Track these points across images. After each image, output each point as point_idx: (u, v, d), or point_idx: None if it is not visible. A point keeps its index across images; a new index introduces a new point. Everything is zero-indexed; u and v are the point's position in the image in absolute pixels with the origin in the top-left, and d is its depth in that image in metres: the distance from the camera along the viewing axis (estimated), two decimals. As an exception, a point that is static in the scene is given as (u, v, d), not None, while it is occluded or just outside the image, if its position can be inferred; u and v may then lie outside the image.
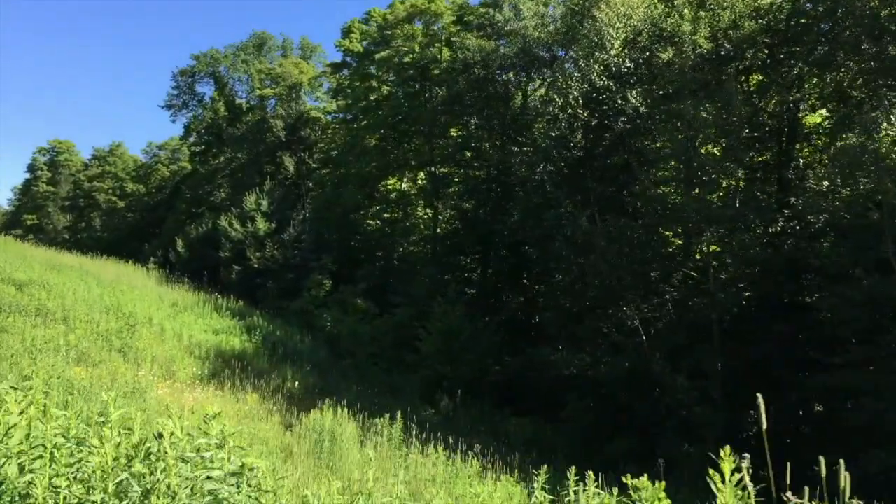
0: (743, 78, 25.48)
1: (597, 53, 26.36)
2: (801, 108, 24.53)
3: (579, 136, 26.03)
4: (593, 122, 26.42)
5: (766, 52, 24.86)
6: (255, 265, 40.52)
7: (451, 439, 16.55)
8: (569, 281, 25.80)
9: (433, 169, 44.78)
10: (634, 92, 25.90)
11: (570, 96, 26.12)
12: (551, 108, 26.33)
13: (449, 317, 27.97)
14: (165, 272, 42.52)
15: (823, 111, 26.40)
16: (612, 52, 26.42)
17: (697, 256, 23.51)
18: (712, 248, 23.19)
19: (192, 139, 71.52)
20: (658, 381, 22.10)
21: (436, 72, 44.24)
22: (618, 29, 26.27)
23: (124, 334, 21.16)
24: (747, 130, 22.48)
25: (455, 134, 42.89)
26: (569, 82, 26.29)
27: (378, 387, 27.60)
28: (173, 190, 76.00)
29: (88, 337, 19.68)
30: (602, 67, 26.31)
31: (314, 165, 52.80)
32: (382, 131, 46.14)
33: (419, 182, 47.98)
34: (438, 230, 41.40)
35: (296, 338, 31.47)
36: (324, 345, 32.16)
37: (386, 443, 15.57)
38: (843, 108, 23.97)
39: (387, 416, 16.29)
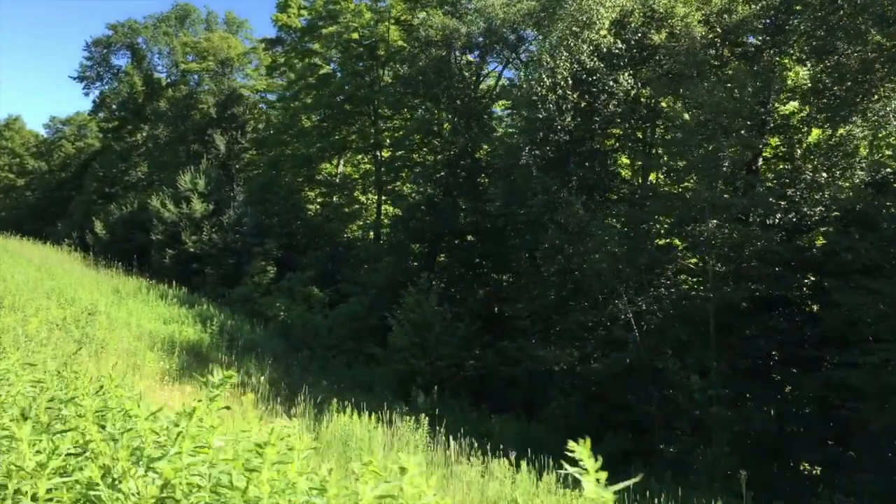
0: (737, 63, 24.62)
1: (585, 32, 25.08)
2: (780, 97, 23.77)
3: (568, 119, 24.70)
4: (582, 104, 25.16)
5: (760, 39, 24.05)
6: (192, 249, 37.80)
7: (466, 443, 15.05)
8: (554, 271, 24.43)
9: (378, 154, 42.85)
10: (627, 74, 24.78)
11: (559, 76, 24.77)
12: (538, 89, 24.85)
13: (422, 307, 26.24)
14: (87, 255, 39.25)
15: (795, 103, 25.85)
16: (602, 32, 25.20)
17: (698, 247, 22.41)
18: (712, 238, 22.20)
19: (102, 115, 67.38)
20: (665, 379, 21.02)
21: (382, 52, 42.34)
22: (607, 7, 25.05)
23: (81, 323, 18.68)
24: (763, 111, 21.53)
25: (409, 116, 41.12)
26: (557, 61, 24.90)
27: (344, 381, 25.74)
28: (81, 168, 71.50)
29: (45, 326, 17.17)
30: (591, 48, 25.07)
31: (246, 145, 49.99)
32: (322, 112, 43.91)
33: (363, 166, 45.96)
34: (392, 216, 39.65)
35: (245, 328, 29.17)
36: (276, 335, 29.98)
37: (416, 449, 13.88)
38: (819, 99, 23.25)
39: (411, 418, 14.61)
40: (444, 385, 25.17)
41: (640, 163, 25.48)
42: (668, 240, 23.90)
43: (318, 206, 43.81)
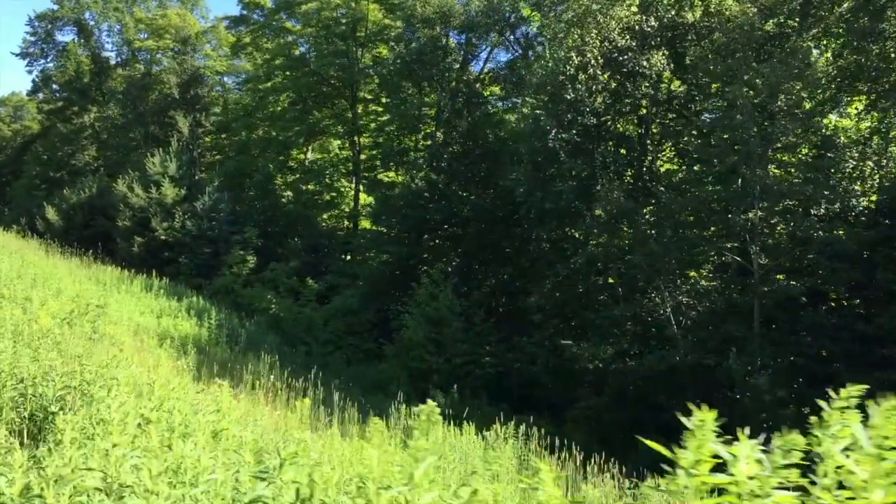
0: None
1: (615, 8, 23.60)
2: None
3: (599, 101, 23.19)
4: (613, 86, 23.68)
5: (798, 20, 22.88)
6: (163, 237, 35.15)
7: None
8: (583, 262, 22.91)
9: (357, 139, 40.78)
10: (660, 54, 23.36)
11: (589, 55, 23.24)
12: (566, 68, 23.26)
13: (438, 301, 24.45)
14: (45, 242, 36.25)
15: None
16: (633, 9, 23.77)
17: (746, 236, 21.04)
18: (759, 227, 20.93)
19: (42, 95, 63.63)
20: (714, 377, 19.69)
21: (361, 33, 40.33)
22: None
23: (91, 317, 16.44)
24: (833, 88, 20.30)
25: (391, 101, 39.16)
26: (586, 38, 23.36)
27: (352, 380, 23.84)
28: (19, 151, 67.54)
29: (54, 321, 14.95)
30: (621, 25, 23.61)
31: (210, 128, 47.26)
32: (300, 94, 41.65)
33: (341, 152, 43.76)
34: (373, 205, 37.68)
35: (234, 321, 26.97)
36: (269, 330, 27.82)
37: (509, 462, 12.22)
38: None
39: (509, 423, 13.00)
40: (461, 384, 23.48)
41: (672, 149, 24.05)
42: (710, 230, 22.53)
43: (291, 194, 41.45)
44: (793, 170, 21.33)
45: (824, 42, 23.11)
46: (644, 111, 24.42)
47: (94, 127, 57.10)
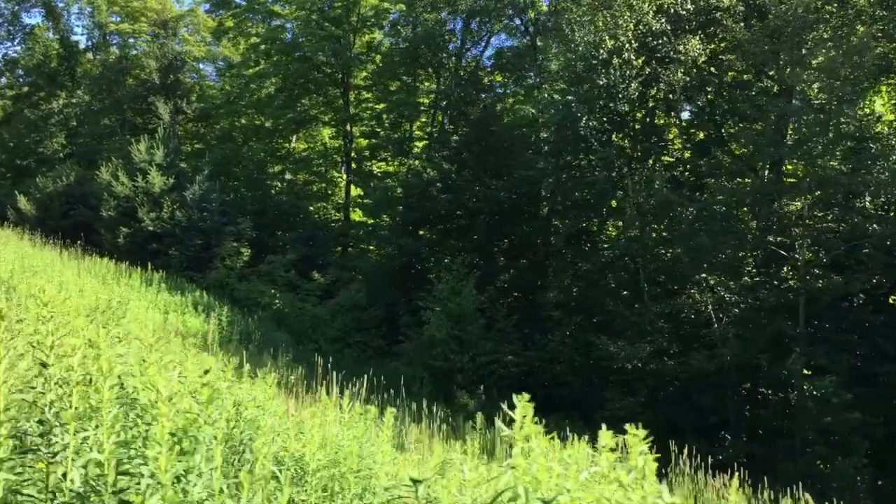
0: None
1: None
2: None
3: (633, 87, 22.10)
4: (647, 71, 22.62)
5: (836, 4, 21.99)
6: (151, 228, 33.33)
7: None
8: (616, 255, 21.86)
9: (349, 128, 39.28)
10: (696, 39, 22.35)
11: (622, 38, 22.16)
12: (600, 52, 22.15)
13: (461, 296, 23.18)
14: (23, 232, 34.27)
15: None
16: (668, -8, 22.73)
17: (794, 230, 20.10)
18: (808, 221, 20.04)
19: (4, 80, 60.95)
20: (763, 378, 18.76)
21: (354, 18, 38.85)
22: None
23: (118, 314, 14.99)
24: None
25: (388, 88, 37.85)
26: (619, 21, 22.26)
27: (372, 379, 22.50)
28: (-19, 137, 64.62)
29: (78, 320, 13.46)
30: (654, 7, 22.56)
31: (192, 114, 45.34)
32: (292, 81, 40.03)
33: (330, 141, 42.19)
34: (364, 196, 36.35)
35: (241, 318, 25.47)
36: (274, 327, 26.37)
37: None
38: None
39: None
40: (485, 384, 22.29)
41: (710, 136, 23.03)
42: (751, 223, 21.58)
43: (280, 183, 39.86)
44: (835, 162, 20.47)
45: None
46: (677, 99, 23.35)
47: (64, 113, 54.72)
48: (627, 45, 21.91)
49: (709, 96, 23.31)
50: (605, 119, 22.45)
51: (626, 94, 22.07)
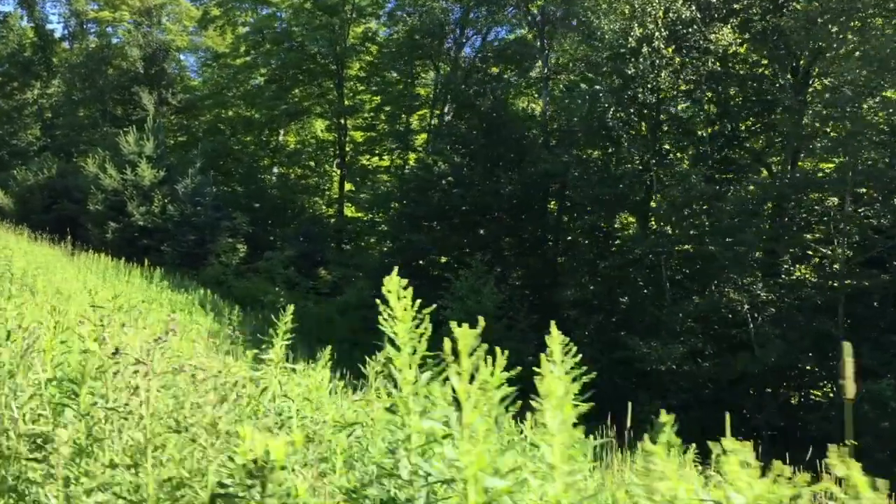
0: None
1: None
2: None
3: (663, 76, 21.25)
4: (676, 60, 21.76)
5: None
6: (140, 222, 31.95)
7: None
8: (641, 253, 20.99)
9: (343, 121, 38.09)
10: (727, 28, 21.56)
11: (650, 27, 21.29)
12: (629, 40, 21.26)
13: (480, 294, 22.18)
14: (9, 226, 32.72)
15: None
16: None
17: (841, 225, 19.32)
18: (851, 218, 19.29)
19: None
20: (804, 381, 18.01)
21: (349, 6, 37.70)
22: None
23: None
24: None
25: (383, 80, 36.73)
26: (647, 8, 21.39)
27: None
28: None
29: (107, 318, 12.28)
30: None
31: (177, 105, 43.82)
32: (285, 72, 38.78)
33: (322, 135, 40.92)
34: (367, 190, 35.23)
35: (247, 317, 24.29)
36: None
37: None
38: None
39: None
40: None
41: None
42: (786, 220, 20.82)
43: (271, 178, 38.58)
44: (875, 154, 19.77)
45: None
46: (708, 90, 22.54)
47: (39, 104, 52.93)
48: (657, 34, 21.03)
49: (733, 88, 22.54)
50: (631, 110, 21.59)
51: (656, 85, 21.22)
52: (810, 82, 20.64)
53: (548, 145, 27.14)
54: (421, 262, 28.18)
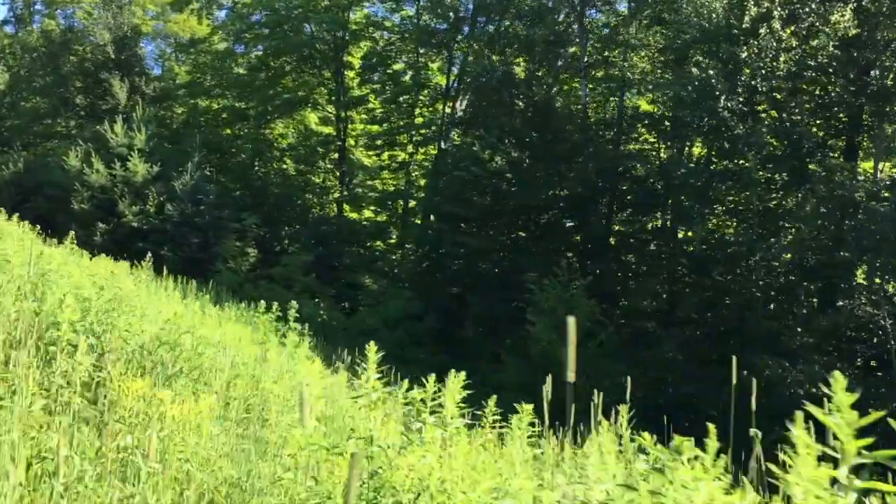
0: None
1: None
2: None
3: (782, 61, 18.90)
4: (793, 45, 19.45)
5: None
6: (133, 223, 28.25)
7: None
8: (765, 256, 18.60)
9: (344, 114, 34.85)
10: (847, 9, 19.34)
11: (768, 4, 18.96)
12: (743, 21, 18.86)
13: (571, 305, 19.44)
14: None
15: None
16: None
17: None
18: None
19: None
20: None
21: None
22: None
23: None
24: None
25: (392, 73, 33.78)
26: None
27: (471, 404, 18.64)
28: None
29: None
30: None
31: (152, 93, 39.78)
32: (266, 58, 35.45)
33: (317, 128, 37.50)
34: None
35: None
36: (323, 341, 22.06)
37: None
38: None
39: None
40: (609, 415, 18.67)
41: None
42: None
43: (270, 173, 35.14)
44: None
45: None
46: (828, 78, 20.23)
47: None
48: (776, 13, 18.69)
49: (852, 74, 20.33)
50: (740, 98, 19.20)
51: (773, 70, 18.86)
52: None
53: (608, 140, 24.68)
54: (462, 267, 25.35)
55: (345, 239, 30.98)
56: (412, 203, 33.45)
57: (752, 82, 18.99)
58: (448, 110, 32.39)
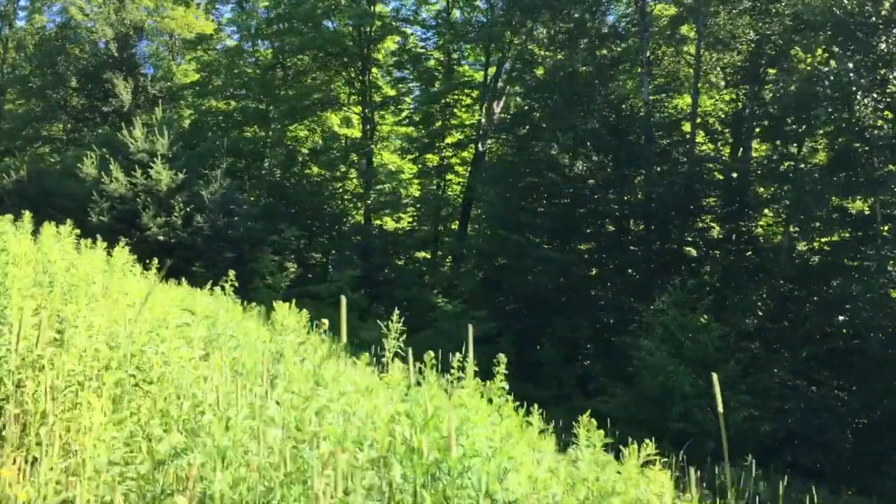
0: None
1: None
2: None
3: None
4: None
5: None
6: (159, 236, 25.59)
7: None
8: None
9: (370, 113, 32.42)
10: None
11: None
12: (880, 8, 16.84)
13: (704, 332, 17.22)
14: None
15: None
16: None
17: None
18: None
19: None
20: None
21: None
22: None
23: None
24: None
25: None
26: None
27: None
28: None
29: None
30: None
31: (158, 94, 37.00)
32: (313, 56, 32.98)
33: (342, 130, 34.96)
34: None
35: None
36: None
37: None
38: None
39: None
40: (740, 454, 16.51)
41: None
42: None
43: (301, 180, 32.56)
44: None
45: None
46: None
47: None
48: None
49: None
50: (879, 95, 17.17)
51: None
52: None
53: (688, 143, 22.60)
54: (536, 282, 23.06)
55: (385, 251, 28.57)
56: (448, 210, 31.29)
57: (890, 76, 16.98)
58: (494, 110, 30.21)
